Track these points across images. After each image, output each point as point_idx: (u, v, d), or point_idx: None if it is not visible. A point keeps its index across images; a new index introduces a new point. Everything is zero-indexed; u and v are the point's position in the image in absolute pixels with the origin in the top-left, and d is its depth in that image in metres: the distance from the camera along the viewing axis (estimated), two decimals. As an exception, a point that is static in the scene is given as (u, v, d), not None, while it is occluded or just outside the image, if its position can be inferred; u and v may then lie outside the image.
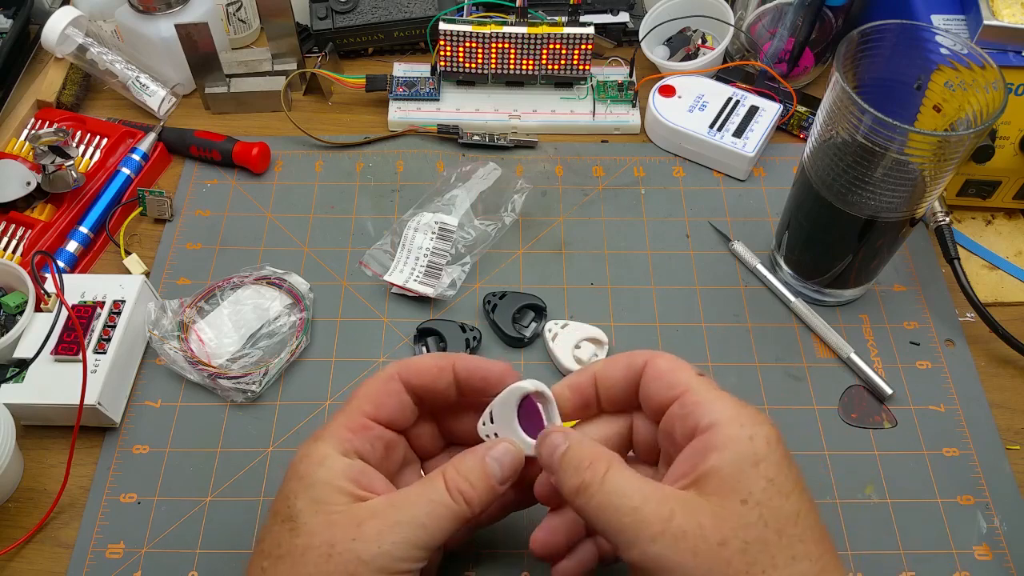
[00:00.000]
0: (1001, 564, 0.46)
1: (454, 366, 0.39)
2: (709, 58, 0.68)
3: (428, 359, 0.39)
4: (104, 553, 0.46)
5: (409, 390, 0.39)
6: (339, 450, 0.36)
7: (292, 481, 0.36)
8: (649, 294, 0.57)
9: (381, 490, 0.36)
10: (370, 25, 0.70)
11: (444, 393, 0.39)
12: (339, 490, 0.35)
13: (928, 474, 0.50)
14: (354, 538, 0.33)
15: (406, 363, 0.39)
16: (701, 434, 0.33)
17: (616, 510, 0.32)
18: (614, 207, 0.62)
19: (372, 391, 0.39)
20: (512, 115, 0.67)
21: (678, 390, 0.35)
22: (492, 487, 0.36)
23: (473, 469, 0.36)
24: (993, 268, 0.60)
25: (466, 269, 0.58)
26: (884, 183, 0.46)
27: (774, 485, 0.32)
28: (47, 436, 0.51)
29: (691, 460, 0.33)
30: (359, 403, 0.38)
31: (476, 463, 0.36)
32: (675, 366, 0.36)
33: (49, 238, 0.58)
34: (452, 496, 0.35)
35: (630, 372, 0.37)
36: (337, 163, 0.65)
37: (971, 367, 0.54)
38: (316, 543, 0.33)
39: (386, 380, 0.39)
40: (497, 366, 0.39)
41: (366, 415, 0.38)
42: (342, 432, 0.37)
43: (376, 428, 0.38)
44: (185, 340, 0.53)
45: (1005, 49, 0.55)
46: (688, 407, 0.34)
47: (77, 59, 0.67)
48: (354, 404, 0.38)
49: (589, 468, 0.33)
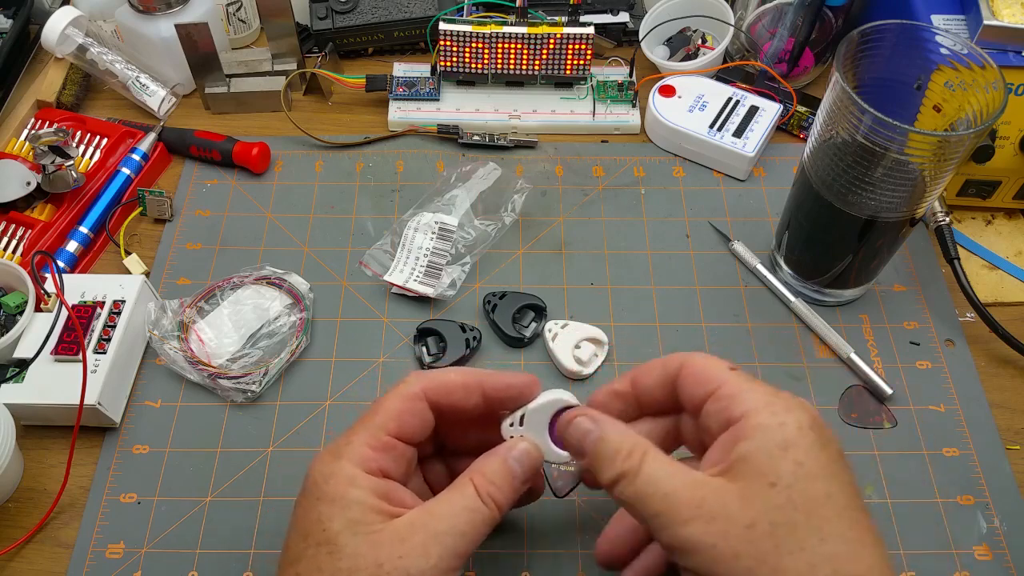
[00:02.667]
0: (1001, 564, 0.46)
1: (483, 386, 0.39)
2: (709, 58, 0.68)
3: (455, 377, 0.39)
4: (104, 553, 0.46)
5: (433, 408, 0.38)
6: (365, 469, 0.36)
7: (323, 504, 0.35)
8: (649, 294, 0.57)
9: (411, 504, 0.36)
10: (370, 25, 0.70)
11: (471, 412, 0.39)
12: (375, 509, 0.34)
13: (928, 474, 0.50)
14: (400, 555, 0.33)
15: (433, 381, 0.38)
16: (733, 424, 0.34)
17: (650, 497, 0.33)
18: (614, 207, 0.62)
19: (395, 408, 0.37)
20: (512, 115, 0.67)
21: (712, 385, 0.35)
22: (515, 488, 0.37)
23: (498, 472, 0.36)
24: (993, 268, 0.60)
25: (466, 269, 0.58)
26: (884, 183, 0.46)
27: (803, 468, 0.32)
28: (47, 436, 0.51)
29: (723, 448, 0.34)
30: (383, 420, 0.37)
31: (500, 465, 0.37)
32: (709, 363, 0.37)
33: (49, 238, 0.58)
34: (484, 501, 0.35)
35: (666, 374, 0.38)
36: (337, 163, 0.65)
37: (971, 367, 0.54)
38: (362, 565, 0.33)
39: (412, 399, 0.38)
40: (523, 379, 0.39)
41: (389, 432, 0.37)
42: (366, 451, 0.36)
43: (400, 447, 0.37)
44: (185, 340, 0.53)
45: (1005, 49, 0.55)
46: (723, 400, 0.35)
47: (77, 59, 0.67)
48: (378, 421, 0.37)
49: (627, 458, 0.34)
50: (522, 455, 0.37)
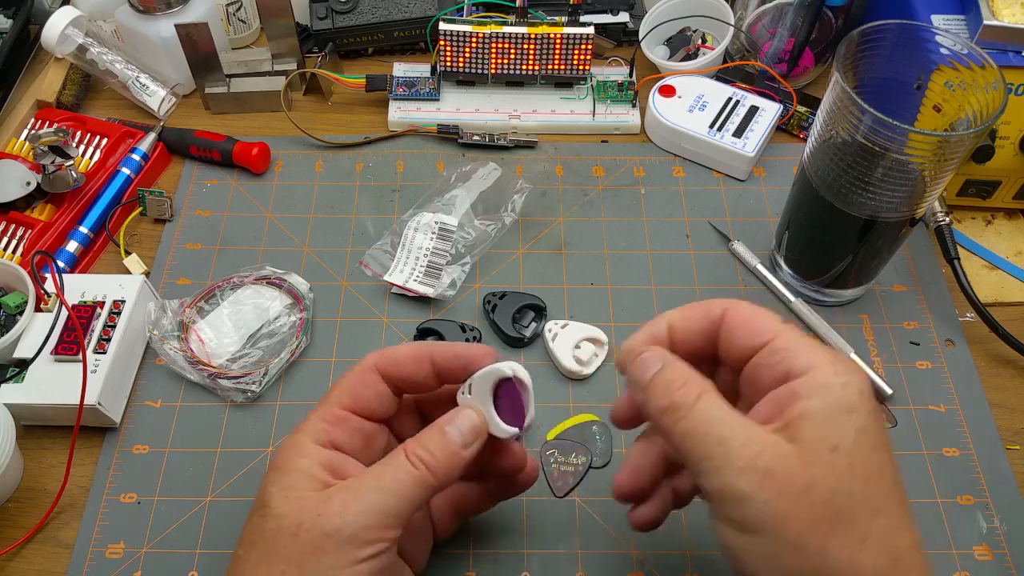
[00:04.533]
0: (1001, 564, 0.46)
1: (432, 356, 0.39)
2: (709, 58, 0.68)
3: (405, 349, 0.40)
4: (104, 553, 0.46)
5: (387, 381, 0.39)
6: (316, 440, 0.37)
7: (271, 472, 0.36)
8: (649, 294, 0.57)
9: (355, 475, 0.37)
10: (370, 25, 0.70)
11: (423, 383, 0.40)
12: (312, 477, 0.35)
13: (928, 474, 0.50)
14: (319, 514, 0.34)
15: (383, 354, 0.40)
16: (794, 379, 0.32)
17: (704, 435, 0.31)
18: (614, 207, 0.62)
19: (349, 383, 0.39)
20: (512, 115, 0.67)
21: (766, 336, 0.34)
22: (454, 452, 0.37)
23: (432, 438, 0.37)
24: (993, 268, 0.59)
25: (466, 269, 0.58)
26: (884, 183, 0.46)
27: (865, 435, 0.31)
28: (47, 436, 0.51)
29: (777, 404, 0.32)
30: (337, 395, 0.39)
31: (435, 432, 0.37)
32: (758, 313, 0.35)
33: (49, 238, 0.58)
34: (412, 463, 0.36)
35: (708, 322, 0.36)
36: (337, 163, 0.65)
37: (971, 367, 0.54)
38: (284, 524, 0.34)
39: (363, 372, 0.39)
40: (476, 349, 0.39)
41: (343, 407, 0.38)
42: (319, 424, 0.37)
43: (354, 419, 0.38)
44: (185, 340, 0.53)
45: (1005, 49, 0.55)
46: (779, 353, 0.33)
47: (77, 59, 0.67)
48: (332, 396, 0.39)
49: (682, 389, 0.33)
50: (461, 421, 0.37)
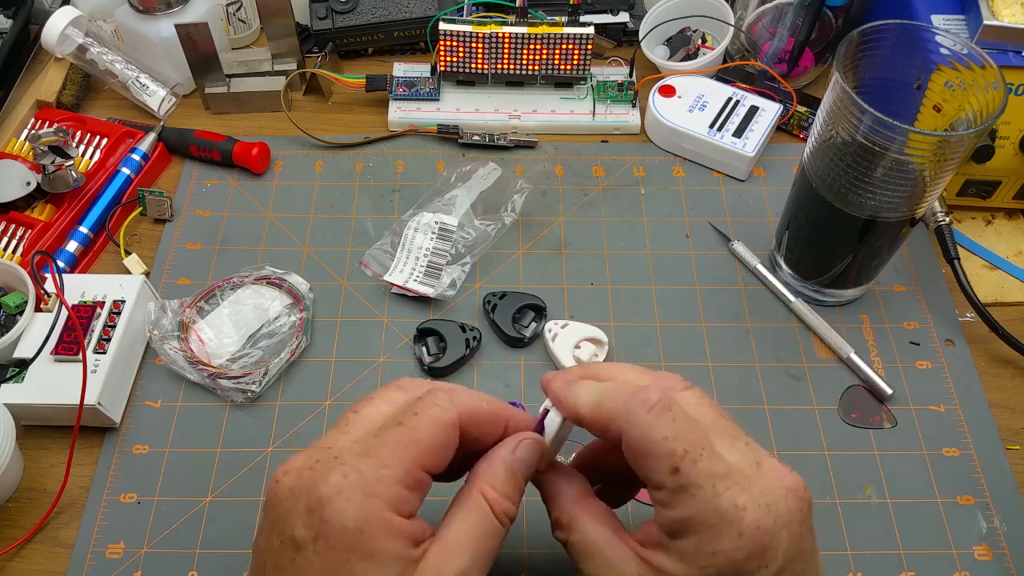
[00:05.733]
0: (1001, 564, 0.46)
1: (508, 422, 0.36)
2: (709, 58, 0.68)
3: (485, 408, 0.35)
4: (104, 553, 0.46)
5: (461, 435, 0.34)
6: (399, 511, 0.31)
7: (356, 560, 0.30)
8: (649, 294, 0.57)
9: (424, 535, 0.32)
10: (370, 25, 0.70)
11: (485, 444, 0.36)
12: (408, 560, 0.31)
13: (928, 474, 0.50)
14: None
15: (467, 409, 0.34)
16: None
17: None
18: (614, 207, 0.62)
19: (432, 440, 0.32)
20: (512, 115, 0.67)
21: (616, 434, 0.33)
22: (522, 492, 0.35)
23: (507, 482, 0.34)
24: (993, 268, 0.59)
25: (466, 269, 0.58)
26: (884, 183, 0.46)
27: None
28: (47, 436, 0.51)
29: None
30: (418, 454, 0.32)
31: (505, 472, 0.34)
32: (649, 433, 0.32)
33: (49, 238, 0.58)
34: (500, 521, 0.33)
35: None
36: (337, 163, 0.65)
37: (971, 367, 0.54)
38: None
39: (448, 427, 0.33)
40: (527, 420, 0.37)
41: (426, 468, 0.32)
42: (401, 492, 0.31)
43: (430, 481, 0.33)
44: (185, 340, 0.53)
45: (1005, 49, 0.55)
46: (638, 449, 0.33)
47: (77, 59, 0.67)
48: (413, 454, 0.32)
49: None
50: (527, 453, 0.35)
